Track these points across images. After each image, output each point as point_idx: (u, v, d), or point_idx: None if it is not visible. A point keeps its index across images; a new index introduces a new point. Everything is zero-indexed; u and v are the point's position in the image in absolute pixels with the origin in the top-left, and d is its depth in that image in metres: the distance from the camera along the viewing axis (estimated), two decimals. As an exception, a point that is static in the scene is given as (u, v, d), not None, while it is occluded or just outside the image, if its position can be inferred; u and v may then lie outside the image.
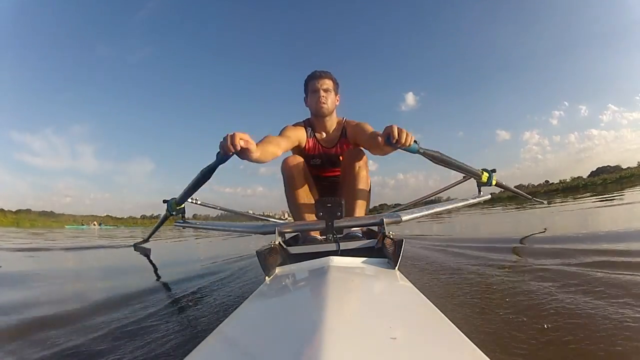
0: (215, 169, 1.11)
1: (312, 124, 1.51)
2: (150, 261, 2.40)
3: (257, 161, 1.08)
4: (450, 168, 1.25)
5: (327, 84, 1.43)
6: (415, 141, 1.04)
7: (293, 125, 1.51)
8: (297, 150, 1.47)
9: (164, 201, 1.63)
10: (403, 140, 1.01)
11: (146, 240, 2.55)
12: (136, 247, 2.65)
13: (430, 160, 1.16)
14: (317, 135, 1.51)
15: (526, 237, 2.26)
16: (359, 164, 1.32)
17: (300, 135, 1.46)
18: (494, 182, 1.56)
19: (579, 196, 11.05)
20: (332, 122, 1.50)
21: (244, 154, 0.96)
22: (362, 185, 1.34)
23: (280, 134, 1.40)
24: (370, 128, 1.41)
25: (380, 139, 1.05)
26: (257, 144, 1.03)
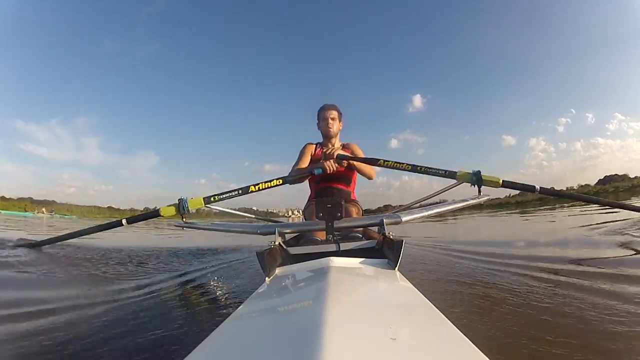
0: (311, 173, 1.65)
1: (322, 143, 2.01)
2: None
3: None
4: (429, 174, 1.39)
5: (334, 114, 1.91)
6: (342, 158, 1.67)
7: (309, 143, 2.06)
8: (310, 158, 1.97)
9: (180, 200, 1.56)
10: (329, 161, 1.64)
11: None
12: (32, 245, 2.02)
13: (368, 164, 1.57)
14: (324, 146, 1.96)
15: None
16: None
17: (310, 148, 1.99)
18: (492, 180, 1.54)
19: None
20: (336, 143, 1.96)
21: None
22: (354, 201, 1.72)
23: (303, 151, 1.95)
24: (361, 154, 1.92)
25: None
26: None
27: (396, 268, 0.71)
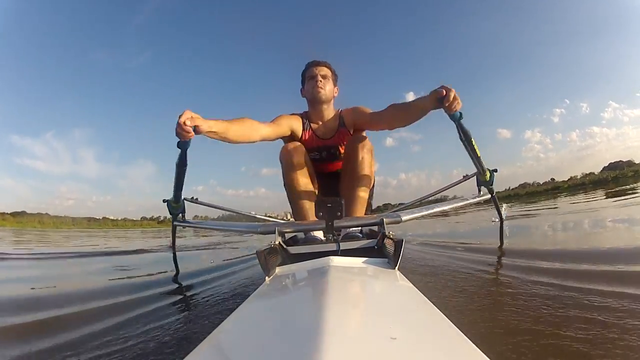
0: (183, 157, 1.15)
1: (309, 115, 1.45)
2: None
3: (226, 140, 1.07)
4: (468, 152, 1.26)
5: (325, 71, 1.40)
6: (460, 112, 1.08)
7: (288, 114, 1.43)
8: (297, 139, 1.41)
9: (164, 201, 1.64)
10: (454, 105, 1.02)
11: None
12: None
13: (460, 137, 1.17)
14: (313, 125, 1.43)
15: None
16: (363, 152, 1.26)
17: (294, 125, 1.40)
18: (493, 183, 1.57)
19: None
20: (329, 112, 1.44)
21: (198, 133, 0.96)
22: (365, 172, 1.27)
23: (272, 121, 1.34)
24: (368, 110, 1.40)
25: (429, 98, 1.04)
26: (227, 122, 1.05)
27: (396, 267, 0.71)
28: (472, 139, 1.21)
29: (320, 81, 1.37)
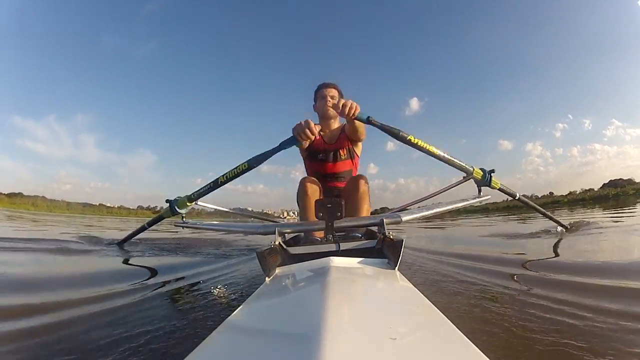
0: (279, 151, 1.32)
1: (321, 122, 1.79)
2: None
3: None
4: (422, 151, 1.38)
5: (333, 92, 1.73)
6: (367, 116, 1.32)
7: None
8: (309, 145, 1.75)
9: (167, 201, 1.61)
10: (347, 111, 1.26)
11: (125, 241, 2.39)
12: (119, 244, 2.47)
13: (391, 136, 1.32)
14: (322, 134, 1.77)
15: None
16: (361, 187, 1.51)
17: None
18: (494, 183, 1.58)
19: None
20: (335, 124, 1.78)
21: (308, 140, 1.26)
22: (363, 203, 1.51)
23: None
24: (363, 131, 1.67)
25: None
26: None
27: (396, 268, 0.71)
28: (414, 137, 1.34)
29: (329, 101, 1.68)
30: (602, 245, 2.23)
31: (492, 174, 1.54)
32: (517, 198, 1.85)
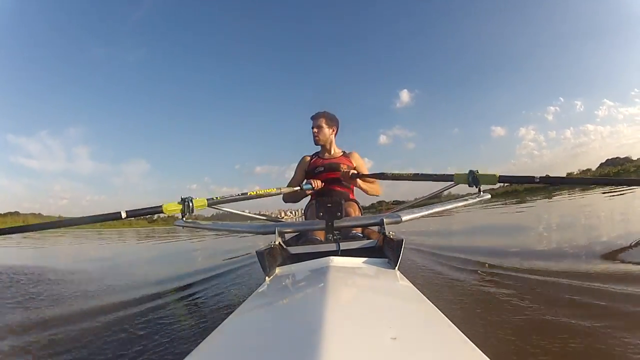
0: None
1: (320, 153, 1.99)
2: None
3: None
4: (404, 179, 1.52)
5: (320, 121, 1.86)
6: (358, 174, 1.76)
7: (305, 156, 2.05)
8: (306, 169, 1.93)
9: (183, 199, 1.58)
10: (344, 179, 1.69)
11: None
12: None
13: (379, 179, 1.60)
14: (321, 155, 1.95)
15: None
16: (354, 212, 1.72)
17: (302, 165, 1.98)
18: (487, 178, 1.54)
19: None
20: (332, 149, 1.93)
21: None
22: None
23: (298, 165, 1.96)
24: (363, 164, 1.94)
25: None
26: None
27: (396, 267, 0.71)
28: (419, 174, 1.52)
29: (316, 131, 1.86)
30: None
31: (475, 174, 1.51)
32: (536, 180, 1.68)
